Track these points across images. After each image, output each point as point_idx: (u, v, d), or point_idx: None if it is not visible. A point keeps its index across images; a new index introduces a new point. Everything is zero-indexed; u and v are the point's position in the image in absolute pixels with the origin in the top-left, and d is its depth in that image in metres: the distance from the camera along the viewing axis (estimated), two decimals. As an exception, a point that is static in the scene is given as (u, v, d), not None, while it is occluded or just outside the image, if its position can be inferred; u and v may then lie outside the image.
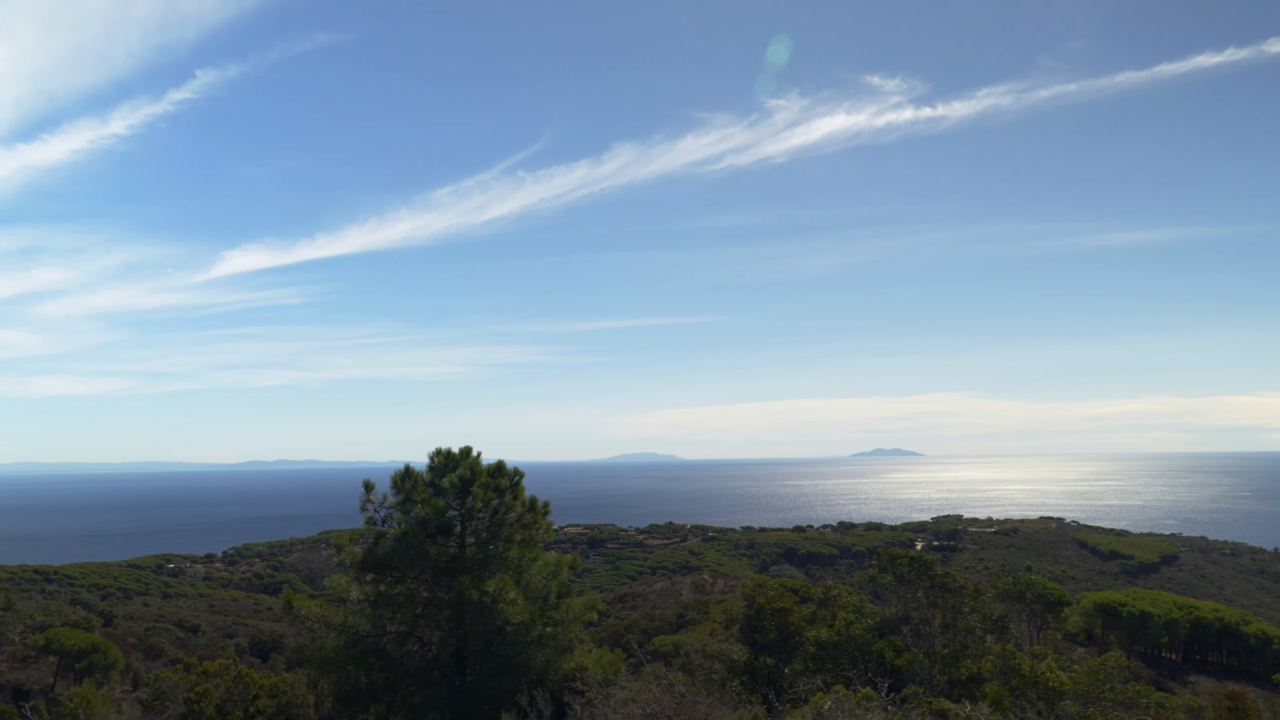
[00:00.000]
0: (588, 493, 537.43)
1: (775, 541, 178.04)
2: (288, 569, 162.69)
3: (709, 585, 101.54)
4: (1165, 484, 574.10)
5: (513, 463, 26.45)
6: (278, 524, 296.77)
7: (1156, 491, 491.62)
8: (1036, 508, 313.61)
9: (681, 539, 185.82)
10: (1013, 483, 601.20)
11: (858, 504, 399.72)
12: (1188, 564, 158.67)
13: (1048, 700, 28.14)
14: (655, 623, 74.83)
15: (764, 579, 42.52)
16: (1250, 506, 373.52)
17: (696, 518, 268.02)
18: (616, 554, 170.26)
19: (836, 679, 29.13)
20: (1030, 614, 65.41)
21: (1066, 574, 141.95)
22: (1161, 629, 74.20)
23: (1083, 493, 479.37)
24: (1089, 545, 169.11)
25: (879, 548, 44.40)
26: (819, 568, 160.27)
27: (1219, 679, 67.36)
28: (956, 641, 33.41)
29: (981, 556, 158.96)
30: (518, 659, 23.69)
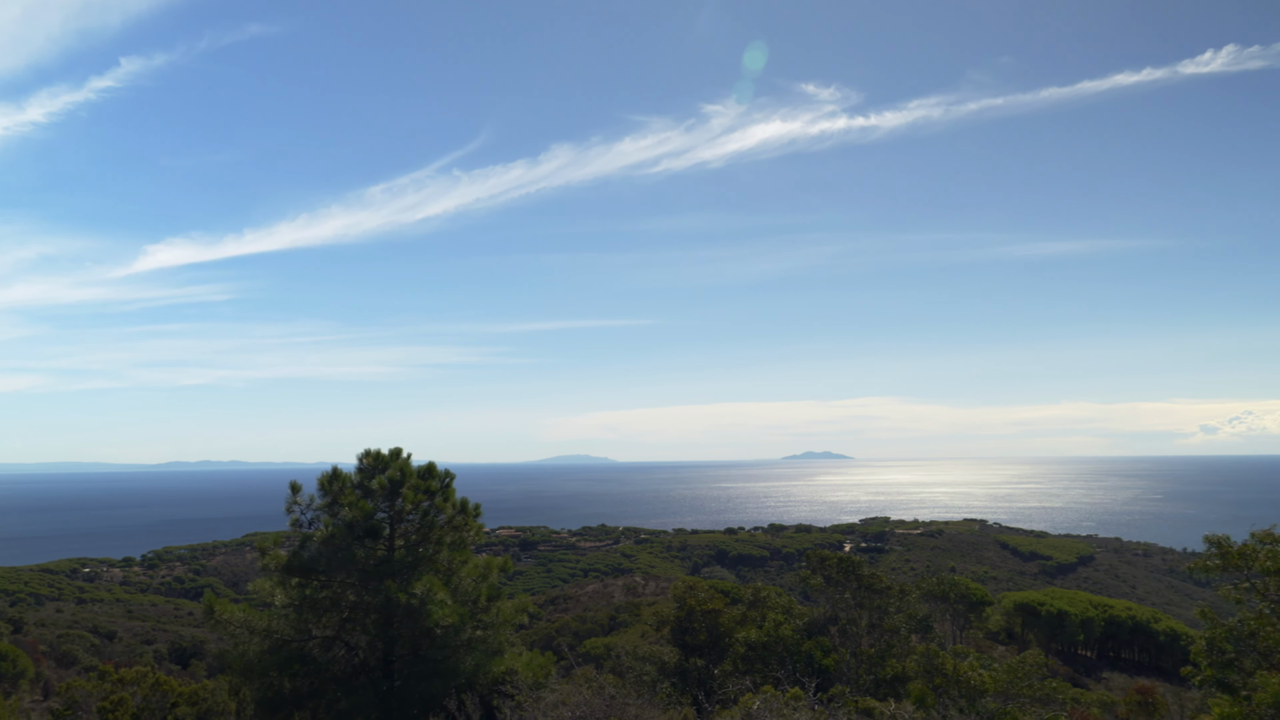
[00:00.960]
0: (520, 495, 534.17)
1: (707, 544, 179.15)
2: (210, 573, 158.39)
3: (641, 587, 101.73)
4: (1083, 487, 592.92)
5: (444, 464, 26.17)
6: (200, 526, 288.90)
7: (1074, 494, 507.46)
8: (961, 510, 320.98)
9: (614, 541, 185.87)
10: (938, 485, 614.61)
11: (788, 506, 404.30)
12: (1103, 564, 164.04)
13: (969, 698, 28.85)
14: (587, 625, 74.70)
15: (695, 581, 42.79)
16: (1161, 509, 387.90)
17: (629, 520, 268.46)
18: (549, 556, 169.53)
19: (765, 679, 29.43)
20: (954, 613, 66.97)
21: (989, 574, 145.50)
22: (1078, 627, 76.68)
23: (1005, 495, 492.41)
24: (1010, 546, 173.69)
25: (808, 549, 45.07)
26: (750, 569, 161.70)
27: (1131, 675, 69.71)
28: (882, 641, 34.06)
29: (908, 558, 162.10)
30: (447, 663, 23.44)
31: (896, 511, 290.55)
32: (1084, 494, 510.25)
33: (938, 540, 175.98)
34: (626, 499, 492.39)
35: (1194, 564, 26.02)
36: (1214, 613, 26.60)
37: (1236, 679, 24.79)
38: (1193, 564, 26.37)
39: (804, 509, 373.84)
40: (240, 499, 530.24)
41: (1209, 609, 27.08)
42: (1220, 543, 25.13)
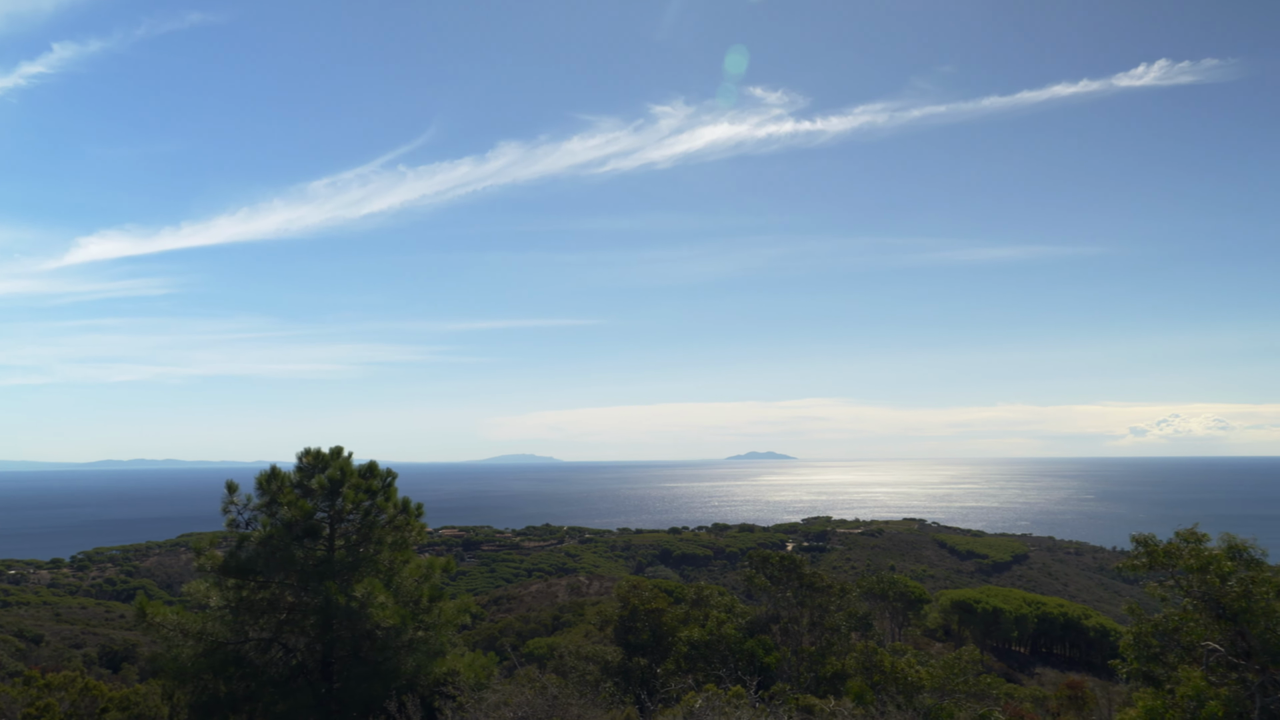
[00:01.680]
0: (464, 494, 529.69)
1: (651, 543, 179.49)
2: (143, 574, 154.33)
3: (585, 587, 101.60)
4: (1018, 487, 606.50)
5: (386, 464, 25.90)
6: (133, 527, 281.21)
7: (1010, 494, 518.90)
8: (901, 509, 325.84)
9: (558, 541, 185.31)
10: (879, 485, 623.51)
11: (732, 506, 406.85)
12: (1037, 562, 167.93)
13: (907, 694, 29.36)
14: (530, 625, 74.37)
15: (639, 580, 42.89)
16: (1093, 508, 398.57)
17: (574, 519, 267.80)
18: (492, 556, 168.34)
19: (708, 678, 29.63)
20: (893, 611, 68.13)
21: (927, 573, 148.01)
22: (1012, 624, 78.50)
23: (944, 495, 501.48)
24: (948, 545, 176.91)
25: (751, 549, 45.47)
26: (693, 569, 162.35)
27: (1062, 670, 71.53)
28: (823, 639, 34.50)
29: (849, 556, 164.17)
30: (387, 664, 23.20)
31: (838, 511, 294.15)
32: (1019, 494, 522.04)
33: (878, 539, 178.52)
34: (571, 499, 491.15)
35: (1122, 562, 26.81)
36: (1140, 609, 27.44)
37: (1161, 672, 25.60)
38: (1121, 562, 27.17)
39: (748, 509, 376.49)
40: (175, 499, 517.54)
41: (1136, 605, 27.92)
42: (1146, 542, 25.94)
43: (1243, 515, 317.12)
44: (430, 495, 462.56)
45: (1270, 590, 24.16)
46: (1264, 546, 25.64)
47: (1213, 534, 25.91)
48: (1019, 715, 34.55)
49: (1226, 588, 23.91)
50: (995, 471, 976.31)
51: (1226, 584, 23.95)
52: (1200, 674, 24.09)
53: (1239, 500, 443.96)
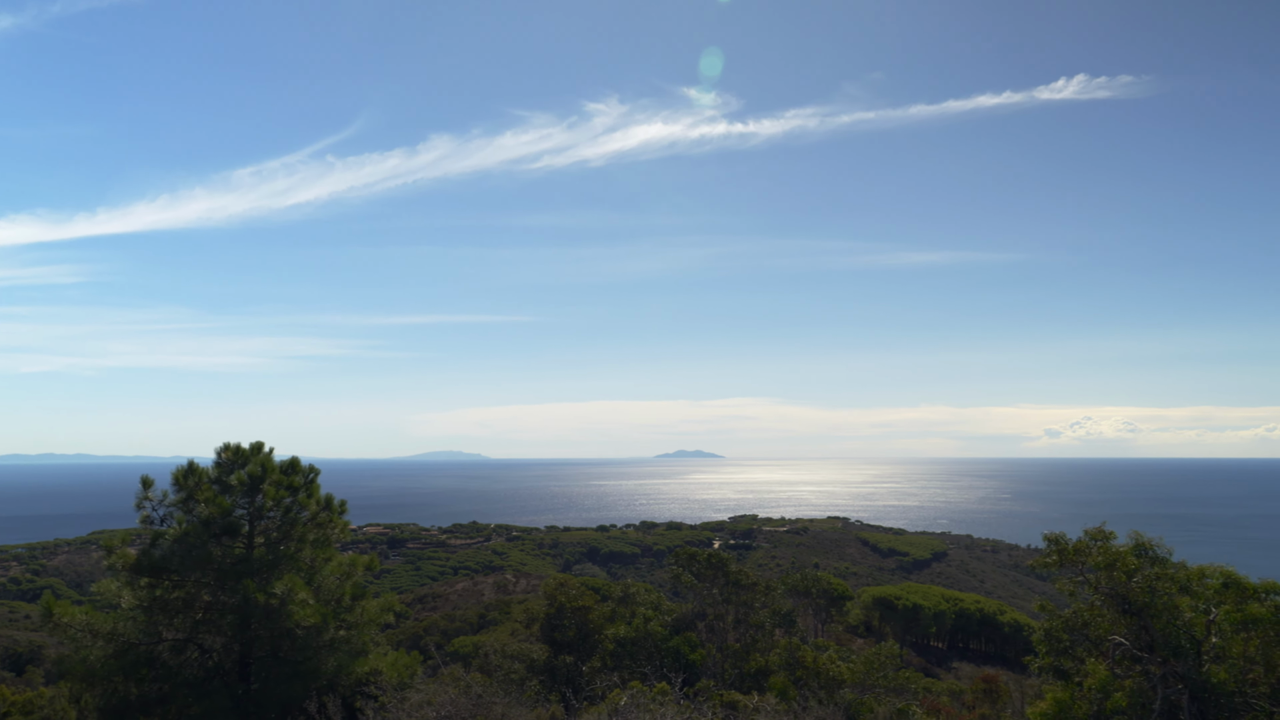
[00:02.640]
0: (389, 491, 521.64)
1: (579, 541, 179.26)
2: (51, 573, 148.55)
3: (512, 585, 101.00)
4: (938, 486, 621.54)
5: (310, 460, 25.40)
6: (40, 524, 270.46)
7: (930, 493, 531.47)
8: (825, 508, 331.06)
9: (485, 539, 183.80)
10: (805, 484, 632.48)
11: (660, 504, 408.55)
12: (955, 560, 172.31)
13: (828, 689, 29.89)
14: (456, 623, 73.60)
15: (566, 578, 42.80)
16: (1009, 507, 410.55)
17: (501, 517, 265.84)
18: (418, 554, 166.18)
19: (634, 675, 29.73)
20: (816, 608, 69.15)
21: (850, 570, 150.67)
22: (931, 620, 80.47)
23: (867, 494, 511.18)
24: (871, 543, 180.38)
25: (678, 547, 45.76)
26: (621, 566, 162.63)
27: (978, 664, 73.57)
28: (748, 636, 34.91)
29: (774, 554, 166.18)
30: (307, 664, 22.74)
31: (764, 509, 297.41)
32: (939, 493, 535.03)
33: (803, 537, 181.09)
34: (499, 496, 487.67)
35: (1035, 560, 27.71)
36: (1052, 605, 28.37)
37: (1070, 666, 26.55)
38: (1034, 560, 28.07)
39: (675, 507, 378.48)
40: (86, 495, 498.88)
41: (1047, 602, 28.86)
42: (1058, 540, 26.84)
43: (1149, 514, 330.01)
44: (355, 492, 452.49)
45: (1173, 586, 25.22)
46: (1168, 545, 26.74)
47: (1120, 532, 26.95)
48: (936, 709, 35.42)
49: (1132, 584, 24.87)
50: (917, 471, 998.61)
51: (1132, 580, 24.92)
52: (1106, 667, 25.03)
53: (1145, 500, 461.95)
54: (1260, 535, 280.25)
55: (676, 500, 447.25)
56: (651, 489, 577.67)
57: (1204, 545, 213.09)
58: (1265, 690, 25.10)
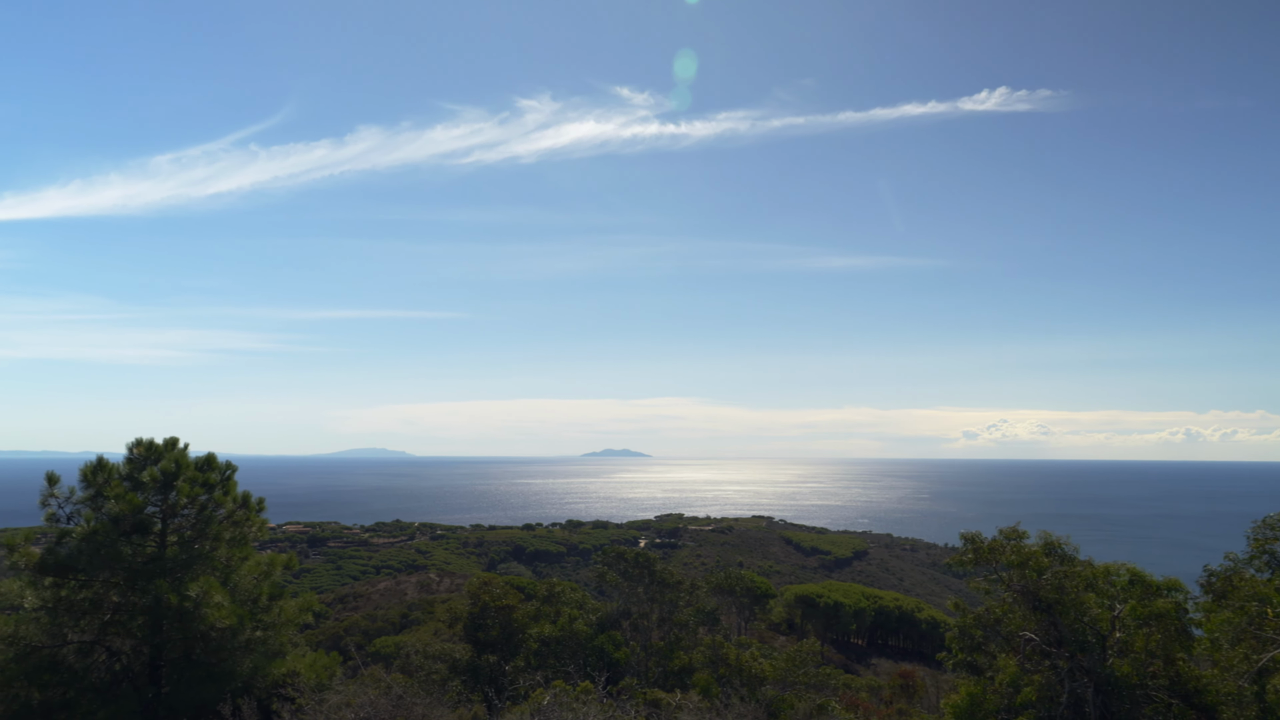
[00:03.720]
0: (311, 489, 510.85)
1: (505, 539, 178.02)
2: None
3: (435, 584, 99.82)
4: (860, 486, 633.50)
5: (227, 456, 24.74)
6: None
7: (853, 493, 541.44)
8: (750, 507, 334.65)
9: (409, 537, 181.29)
10: (731, 484, 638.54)
11: (587, 503, 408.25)
12: (875, 558, 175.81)
13: (750, 686, 30.24)
14: (377, 623, 72.46)
15: (490, 577, 42.47)
16: (928, 507, 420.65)
17: (426, 515, 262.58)
18: (339, 553, 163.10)
19: (558, 674, 29.67)
20: (740, 606, 69.88)
21: (773, 569, 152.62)
22: (851, 617, 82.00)
23: (791, 494, 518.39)
24: (794, 542, 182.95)
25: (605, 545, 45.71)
26: (547, 565, 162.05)
27: (896, 660, 75.21)
28: (672, 634, 35.10)
29: (699, 553, 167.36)
30: (222, 666, 22.13)
31: (690, 509, 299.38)
32: (861, 493, 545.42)
33: (728, 536, 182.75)
34: (423, 494, 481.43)
35: (951, 558, 28.47)
36: (966, 603, 29.17)
37: (983, 661, 27.38)
38: (951, 558, 28.84)
39: (602, 505, 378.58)
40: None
41: (961, 600, 29.68)
42: (973, 539, 27.67)
43: (1059, 514, 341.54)
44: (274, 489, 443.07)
45: (1080, 584, 26.19)
46: (1076, 543, 27.78)
47: (1032, 532, 27.88)
48: (855, 704, 36.11)
49: (1042, 582, 25.78)
50: (839, 471, 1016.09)
51: (1042, 578, 25.83)
52: (1017, 662, 25.88)
53: (1057, 500, 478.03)
54: (1163, 534, 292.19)
55: (604, 499, 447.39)
56: (579, 488, 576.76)
57: (1110, 544, 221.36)
58: (1164, 683, 26.25)
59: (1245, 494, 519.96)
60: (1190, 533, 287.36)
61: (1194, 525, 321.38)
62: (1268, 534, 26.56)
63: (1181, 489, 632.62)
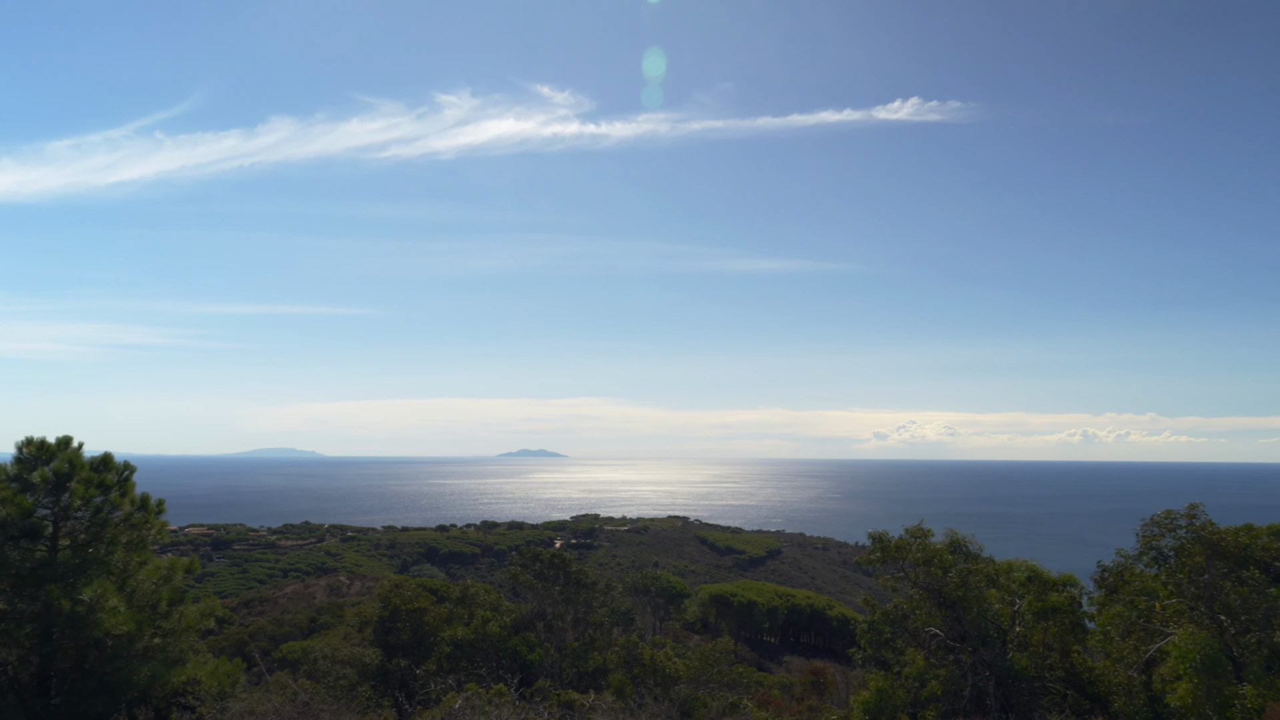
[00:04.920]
0: (215, 490, 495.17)
1: (417, 541, 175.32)
2: None
3: (345, 587, 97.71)
4: (774, 487, 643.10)
5: (125, 456, 23.81)
6: None
7: (767, 493, 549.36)
8: (666, 507, 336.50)
9: (318, 539, 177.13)
10: (647, 484, 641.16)
11: (503, 503, 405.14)
12: (789, 557, 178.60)
13: (664, 686, 30.39)
14: (284, 628, 70.57)
15: (402, 579, 41.81)
16: (840, 506, 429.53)
17: (336, 517, 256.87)
18: (244, 556, 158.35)
19: (470, 677, 29.32)
20: (655, 606, 70.26)
21: (688, 568, 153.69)
22: (765, 615, 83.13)
23: (706, 494, 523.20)
24: (709, 542, 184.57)
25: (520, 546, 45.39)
26: (461, 567, 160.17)
27: (808, 657, 76.50)
28: (587, 635, 35.04)
29: (615, 554, 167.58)
30: (117, 675, 21.25)
31: (606, 509, 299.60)
32: (775, 493, 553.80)
33: (643, 537, 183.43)
34: (334, 495, 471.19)
35: (861, 557, 29.12)
36: (874, 599, 29.84)
37: (891, 657, 28.05)
38: (860, 557, 29.51)
39: (518, 506, 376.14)
40: None
41: (870, 596, 30.35)
42: (881, 538, 28.34)
43: (964, 513, 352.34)
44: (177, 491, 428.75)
45: (983, 580, 27.08)
46: (980, 541, 28.71)
47: (938, 530, 28.70)
48: (767, 702, 36.60)
49: (947, 578, 26.57)
50: (754, 471, 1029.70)
51: (947, 575, 26.62)
52: (923, 657, 26.60)
53: (962, 499, 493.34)
54: (1060, 531, 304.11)
55: (519, 499, 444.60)
56: (494, 488, 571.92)
57: (1011, 542, 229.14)
58: (1060, 674, 27.34)
59: (1136, 493, 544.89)
60: (1085, 530, 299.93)
61: (1089, 523, 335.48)
62: (1155, 531, 27.86)
63: (1078, 488, 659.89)
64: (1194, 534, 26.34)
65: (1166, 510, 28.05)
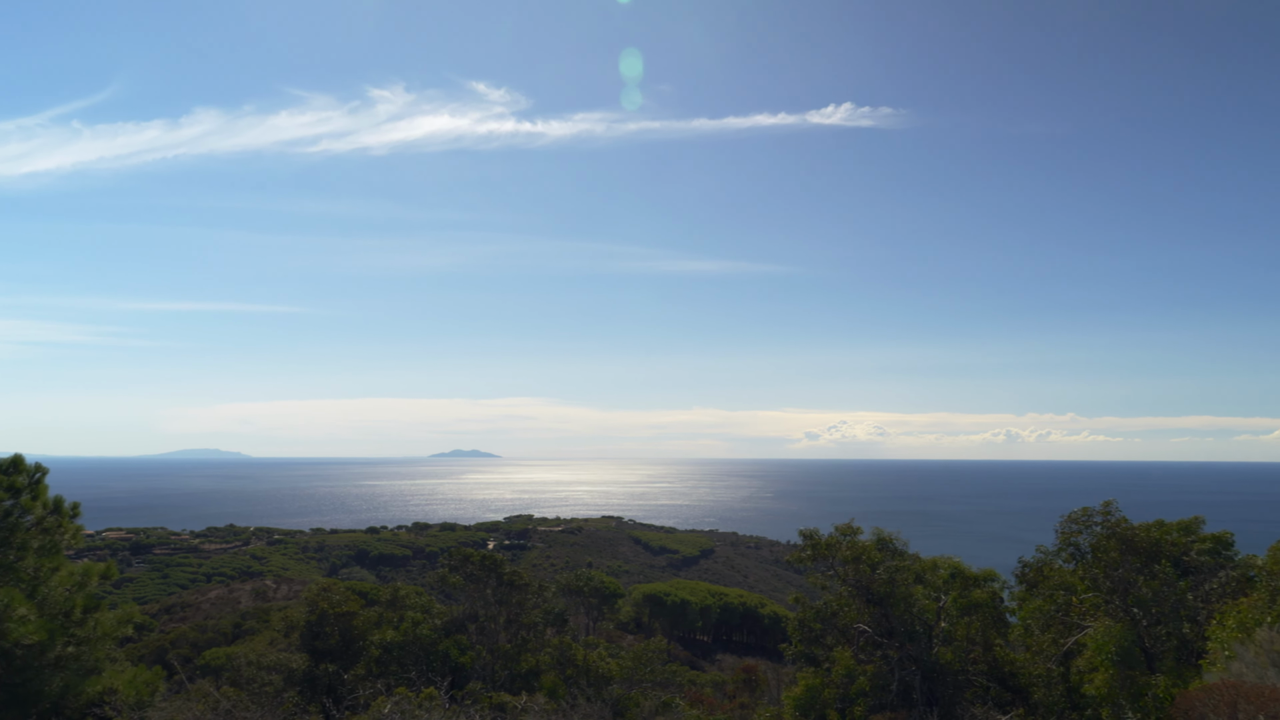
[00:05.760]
0: (136, 493, 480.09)
1: (347, 543, 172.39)
2: None
3: (272, 591, 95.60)
4: (708, 486, 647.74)
5: (38, 458, 22.95)
6: None
7: (701, 493, 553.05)
8: (600, 508, 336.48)
9: (244, 543, 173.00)
10: (581, 484, 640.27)
11: (435, 505, 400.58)
12: (721, 556, 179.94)
13: (597, 686, 30.38)
14: (208, 635, 68.73)
15: (331, 582, 41.09)
16: (771, 505, 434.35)
17: (262, 520, 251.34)
18: (166, 561, 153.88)
19: (400, 681, 28.92)
20: (588, 606, 70.12)
21: (622, 568, 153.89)
22: (698, 614, 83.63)
23: (641, 494, 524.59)
24: (643, 542, 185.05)
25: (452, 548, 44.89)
26: (391, 569, 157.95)
27: (740, 655, 77.20)
28: (519, 636, 34.83)
29: (549, 554, 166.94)
30: (27, 686, 20.44)
31: (540, 509, 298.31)
32: (709, 493, 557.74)
33: (577, 537, 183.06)
34: (261, 497, 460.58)
35: (792, 555, 29.50)
36: (805, 597, 30.23)
37: (820, 654, 28.45)
38: (791, 555, 29.89)
39: (450, 507, 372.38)
40: None
41: (801, 594, 30.73)
42: (812, 536, 28.72)
43: (893, 511, 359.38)
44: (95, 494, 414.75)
45: (910, 577, 27.63)
46: (906, 539, 29.32)
47: (866, 528, 29.21)
48: (699, 700, 36.85)
49: (875, 576, 27.05)
50: (688, 471, 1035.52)
51: (875, 572, 27.10)
52: (852, 653, 27.05)
53: (891, 498, 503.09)
54: (983, 529, 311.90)
55: (452, 501, 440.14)
56: (426, 489, 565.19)
57: (937, 539, 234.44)
58: (983, 668, 28.08)
59: (1056, 490, 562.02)
60: (1008, 527, 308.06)
61: (1011, 520, 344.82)
62: (1073, 528, 28.78)
63: (1001, 486, 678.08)
64: (1109, 530, 27.27)
65: (1084, 507, 29.01)
